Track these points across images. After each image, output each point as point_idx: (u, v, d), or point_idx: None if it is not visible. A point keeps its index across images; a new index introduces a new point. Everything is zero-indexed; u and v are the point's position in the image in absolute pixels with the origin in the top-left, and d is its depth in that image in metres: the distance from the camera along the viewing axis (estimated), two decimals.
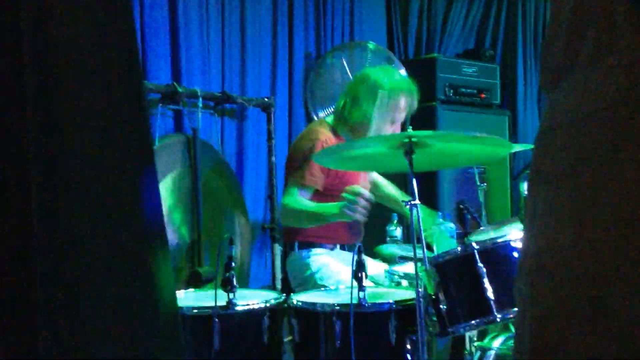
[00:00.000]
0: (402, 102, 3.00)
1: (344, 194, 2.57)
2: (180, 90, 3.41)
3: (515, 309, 1.33)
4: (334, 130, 3.07)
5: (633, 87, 0.72)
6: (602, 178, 0.74)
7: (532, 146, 0.91)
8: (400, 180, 3.48)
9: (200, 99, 3.52)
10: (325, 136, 2.98)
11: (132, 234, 0.77)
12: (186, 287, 3.08)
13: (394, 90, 2.99)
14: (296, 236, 3.06)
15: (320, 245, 3.04)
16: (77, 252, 0.74)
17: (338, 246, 3.08)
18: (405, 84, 3.06)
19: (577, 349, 0.75)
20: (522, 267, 0.84)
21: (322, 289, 2.75)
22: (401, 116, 3.04)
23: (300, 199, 2.86)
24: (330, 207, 2.71)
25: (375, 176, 3.35)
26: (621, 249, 0.71)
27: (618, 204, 0.72)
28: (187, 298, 2.58)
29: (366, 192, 2.58)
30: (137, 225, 0.77)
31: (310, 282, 2.96)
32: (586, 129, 0.76)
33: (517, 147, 3.24)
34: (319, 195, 2.93)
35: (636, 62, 0.72)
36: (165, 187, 3.31)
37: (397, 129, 3.05)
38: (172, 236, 3.32)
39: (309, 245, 3.04)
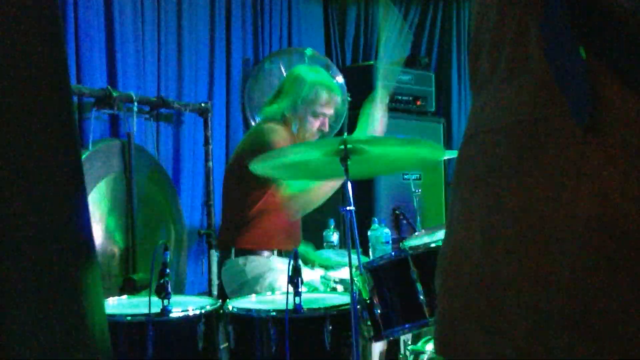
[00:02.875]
0: (323, 96, 3.11)
1: None
2: (115, 94, 3.37)
3: None
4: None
5: (538, 106, 0.77)
6: (507, 189, 0.78)
7: None
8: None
9: (136, 104, 3.48)
10: (281, 136, 3.02)
11: (58, 241, 0.76)
12: (120, 294, 3.03)
13: (314, 84, 3.11)
14: (233, 244, 3.04)
15: (257, 252, 3.03)
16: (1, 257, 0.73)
17: (275, 252, 3.06)
18: (326, 80, 3.20)
19: (478, 351, 0.79)
20: (438, 266, 0.88)
21: (258, 295, 2.75)
22: (325, 111, 3.13)
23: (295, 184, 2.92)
24: None
25: None
26: (518, 259, 0.75)
27: (519, 216, 0.76)
28: (121, 305, 2.55)
29: None
30: (63, 232, 0.77)
31: (245, 290, 2.94)
32: (499, 140, 0.80)
33: (451, 154, 3.30)
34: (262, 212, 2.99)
35: (542, 83, 0.77)
36: (100, 192, 3.26)
37: (324, 124, 3.15)
38: (106, 242, 3.27)
39: (245, 252, 3.02)
